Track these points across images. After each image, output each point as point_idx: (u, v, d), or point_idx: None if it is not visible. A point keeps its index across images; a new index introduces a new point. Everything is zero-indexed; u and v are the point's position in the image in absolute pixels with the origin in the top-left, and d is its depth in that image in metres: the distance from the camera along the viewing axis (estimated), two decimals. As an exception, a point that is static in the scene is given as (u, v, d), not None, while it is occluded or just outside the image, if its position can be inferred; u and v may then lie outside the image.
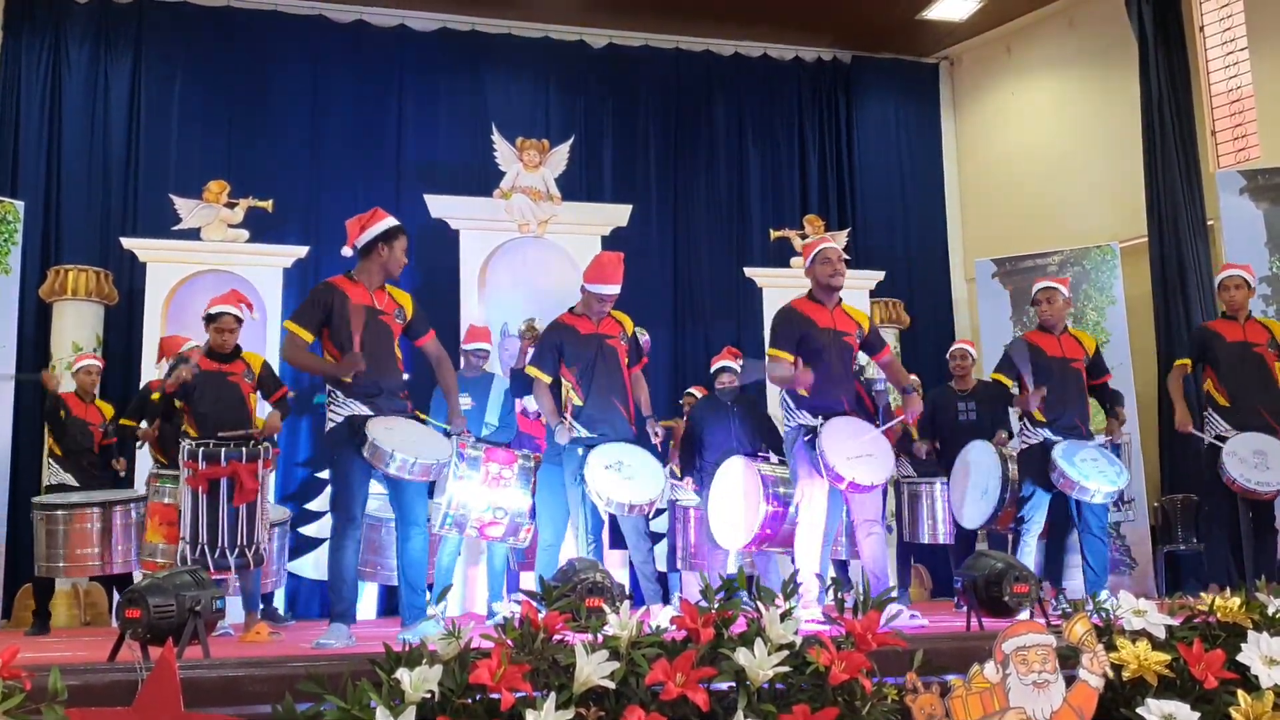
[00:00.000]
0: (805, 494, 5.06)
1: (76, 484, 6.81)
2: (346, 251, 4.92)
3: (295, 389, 8.86)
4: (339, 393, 4.65)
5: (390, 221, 4.86)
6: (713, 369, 7.17)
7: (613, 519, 5.53)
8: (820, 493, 5.04)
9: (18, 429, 8.16)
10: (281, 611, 7.43)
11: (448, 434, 5.17)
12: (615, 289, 5.57)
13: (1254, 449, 5.87)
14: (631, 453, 5.33)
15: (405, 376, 5.03)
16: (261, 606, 6.34)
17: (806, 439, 5.02)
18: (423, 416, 5.42)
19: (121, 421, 6.73)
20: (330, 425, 4.68)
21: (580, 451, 5.29)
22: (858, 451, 4.92)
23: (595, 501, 5.21)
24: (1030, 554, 5.77)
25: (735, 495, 6.13)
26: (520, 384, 6.33)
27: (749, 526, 5.98)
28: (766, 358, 5.29)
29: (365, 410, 4.60)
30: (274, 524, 6.55)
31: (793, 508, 5.85)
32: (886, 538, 5.24)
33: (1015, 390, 5.89)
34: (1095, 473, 5.53)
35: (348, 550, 4.63)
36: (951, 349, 7.72)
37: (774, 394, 9.09)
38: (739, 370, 6.97)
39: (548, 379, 5.43)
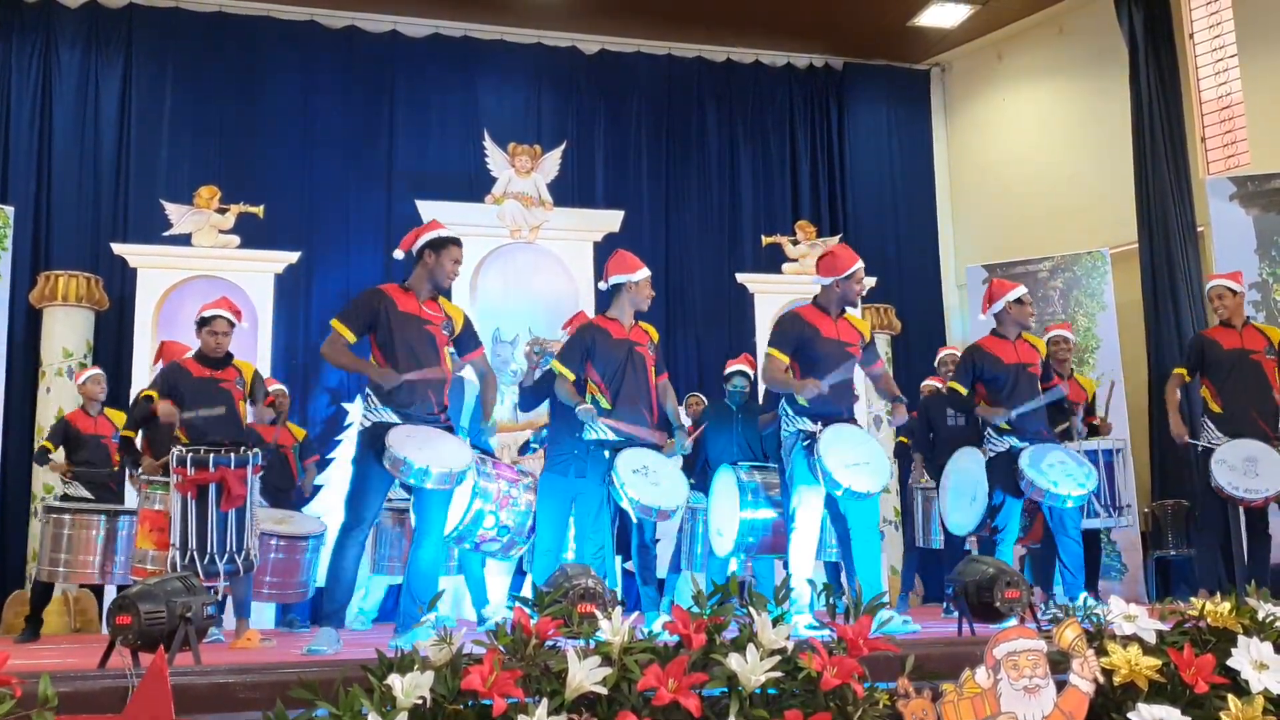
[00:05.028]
0: (802, 499, 5.06)
1: (91, 497, 6.77)
2: (398, 254, 4.94)
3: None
4: (375, 398, 4.67)
5: (441, 231, 4.87)
6: (726, 372, 7.18)
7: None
8: (817, 498, 5.04)
9: (6, 439, 8.14)
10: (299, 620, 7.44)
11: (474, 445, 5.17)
12: (647, 272, 5.53)
13: (1244, 456, 5.85)
14: (655, 458, 5.33)
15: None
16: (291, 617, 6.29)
17: (805, 444, 5.02)
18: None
19: (123, 434, 6.72)
20: (362, 426, 4.72)
21: (606, 454, 5.28)
22: (855, 459, 4.92)
23: (626, 505, 5.19)
24: (1010, 562, 5.75)
25: (723, 502, 6.18)
26: (528, 399, 6.30)
27: (729, 534, 6.01)
28: (763, 355, 5.28)
29: (395, 419, 4.62)
30: (310, 535, 6.52)
31: (778, 513, 5.86)
32: (882, 545, 5.24)
33: (966, 394, 5.88)
34: (1064, 477, 5.50)
35: (350, 551, 4.63)
36: (943, 355, 7.73)
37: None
38: (751, 376, 7.00)
39: (572, 376, 5.40)
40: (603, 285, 5.59)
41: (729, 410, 6.87)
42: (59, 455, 6.99)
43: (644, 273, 5.50)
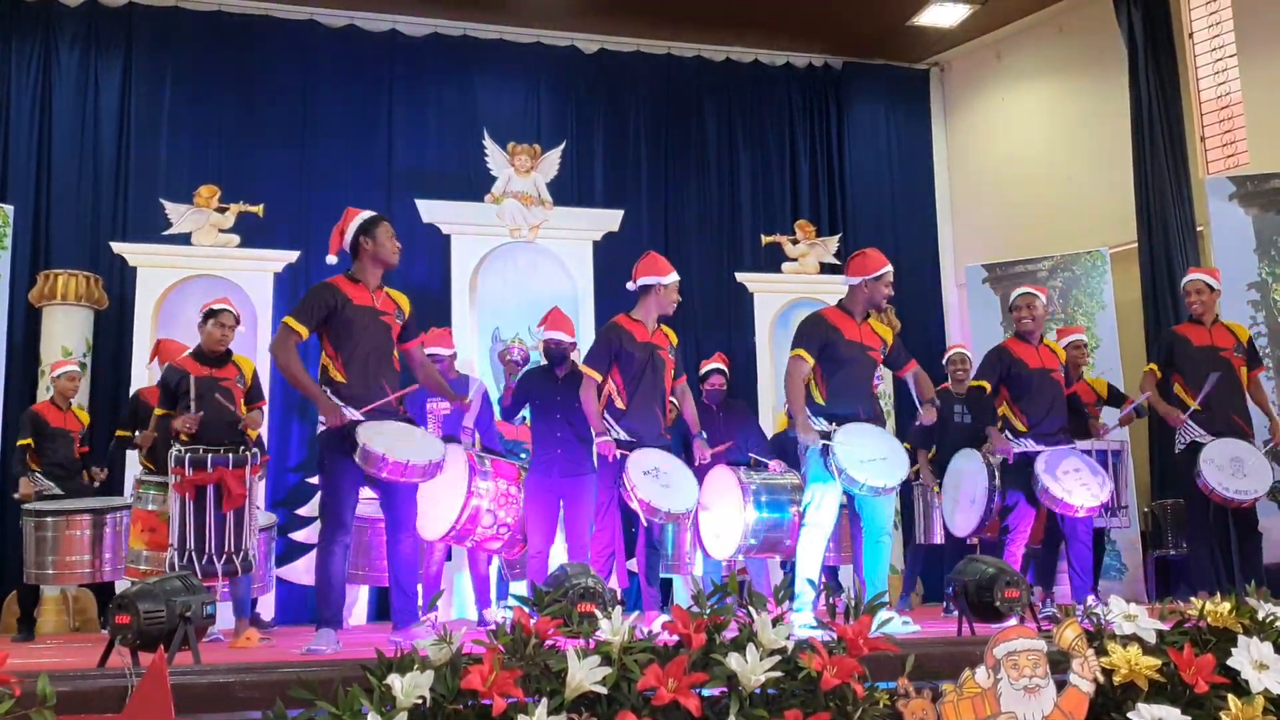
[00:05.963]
0: (816, 499, 5.06)
1: (61, 493, 6.76)
2: (331, 259, 4.91)
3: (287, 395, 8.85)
4: (331, 395, 4.63)
5: (364, 214, 4.86)
6: (702, 371, 7.17)
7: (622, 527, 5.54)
8: (832, 499, 5.04)
9: (5, 438, 8.12)
10: (265, 617, 7.41)
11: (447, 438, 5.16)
12: (677, 276, 5.55)
13: (1230, 456, 5.83)
14: (666, 460, 5.34)
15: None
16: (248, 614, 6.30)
17: (821, 445, 5.02)
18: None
19: (118, 434, 6.71)
20: (322, 428, 4.66)
21: (618, 454, 5.29)
22: (871, 455, 4.92)
23: (635, 507, 5.19)
24: (1015, 563, 5.75)
25: (721, 504, 6.13)
26: (508, 413, 6.32)
27: (733, 536, 5.99)
28: (789, 358, 5.25)
29: (357, 415, 4.58)
30: (260, 529, 6.51)
31: (789, 514, 5.85)
32: (890, 546, 5.24)
33: (990, 394, 5.88)
34: (1078, 486, 5.50)
35: (336, 556, 4.61)
36: (951, 354, 7.75)
37: (766, 401, 9.13)
38: (727, 374, 7.01)
39: (599, 377, 5.42)
40: (631, 286, 5.60)
41: (709, 410, 6.85)
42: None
43: (673, 277, 5.53)
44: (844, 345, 5.14)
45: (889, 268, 5.24)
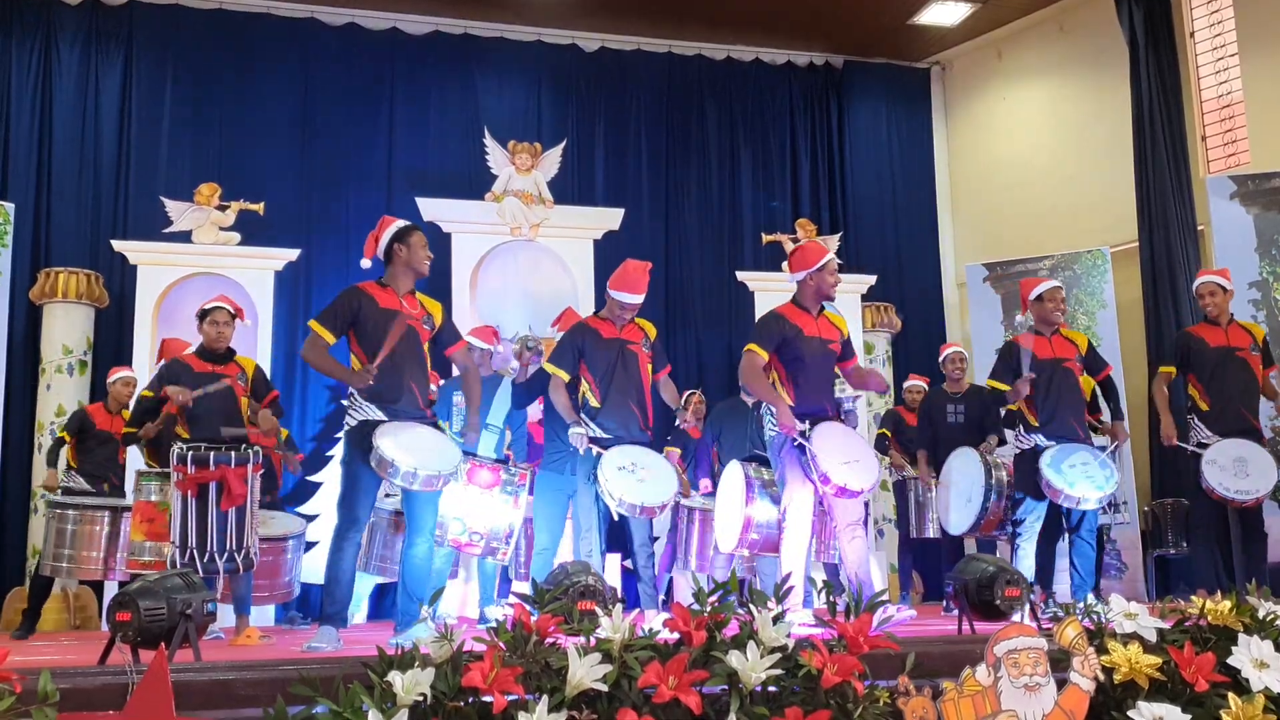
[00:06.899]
0: (793, 498, 5.06)
1: (93, 491, 6.77)
2: (365, 263, 4.96)
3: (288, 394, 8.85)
4: (359, 396, 4.67)
5: (400, 223, 4.91)
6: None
7: (611, 522, 5.54)
8: (808, 497, 5.04)
9: (6, 436, 8.12)
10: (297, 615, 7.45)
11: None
12: (638, 299, 5.58)
13: (1234, 456, 5.83)
14: (644, 455, 5.35)
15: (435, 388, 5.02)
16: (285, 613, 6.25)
17: (796, 444, 5.02)
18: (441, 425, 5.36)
19: (126, 430, 6.72)
20: (348, 426, 4.73)
21: (595, 452, 5.30)
22: (847, 457, 4.93)
23: (608, 502, 5.22)
24: (1027, 559, 5.75)
25: (729, 499, 6.15)
26: (521, 396, 6.33)
27: (734, 531, 5.99)
28: (744, 352, 5.25)
29: (380, 415, 4.63)
30: (291, 536, 6.48)
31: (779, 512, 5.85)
32: (868, 541, 5.26)
33: (1010, 390, 5.88)
34: (1083, 479, 5.48)
35: (347, 551, 4.63)
36: (948, 353, 7.74)
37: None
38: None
39: (566, 377, 5.46)
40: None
41: (744, 407, 6.87)
42: (63, 457, 6.98)
43: (626, 297, 5.55)
44: (804, 341, 5.13)
45: (830, 256, 5.26)
